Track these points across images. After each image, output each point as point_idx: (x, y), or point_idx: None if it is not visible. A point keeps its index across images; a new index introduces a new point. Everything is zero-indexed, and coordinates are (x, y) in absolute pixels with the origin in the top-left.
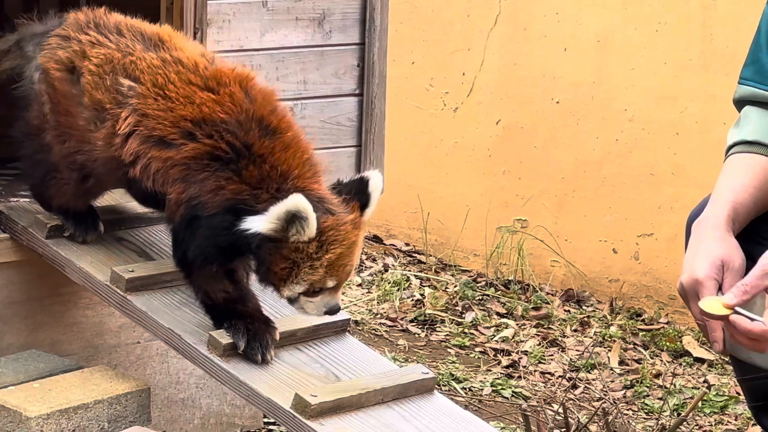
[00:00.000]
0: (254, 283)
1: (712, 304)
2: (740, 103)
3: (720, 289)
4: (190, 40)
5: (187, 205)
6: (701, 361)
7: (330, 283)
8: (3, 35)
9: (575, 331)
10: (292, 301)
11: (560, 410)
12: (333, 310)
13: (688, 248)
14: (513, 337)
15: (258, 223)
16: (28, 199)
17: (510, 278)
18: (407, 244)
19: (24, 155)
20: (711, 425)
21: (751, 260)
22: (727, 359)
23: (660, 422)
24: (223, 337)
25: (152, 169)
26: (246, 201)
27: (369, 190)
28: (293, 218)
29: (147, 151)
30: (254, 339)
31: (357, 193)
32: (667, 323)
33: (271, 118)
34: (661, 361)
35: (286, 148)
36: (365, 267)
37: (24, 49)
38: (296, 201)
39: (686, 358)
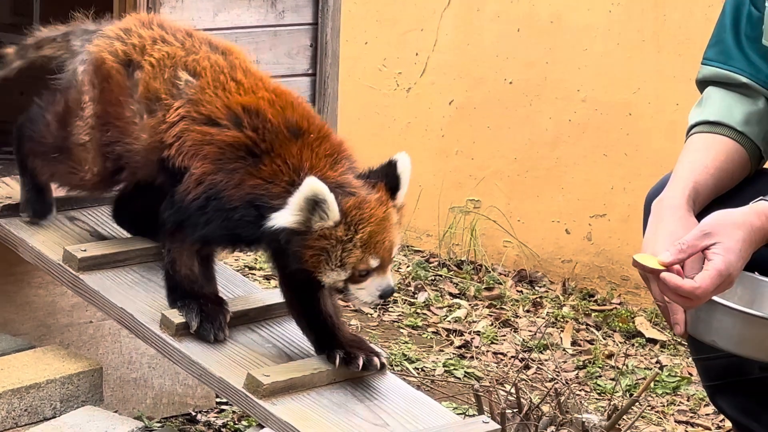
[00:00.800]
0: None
1: (648, 259)
2: (703, 83)
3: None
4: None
5: (208, 187)
6: (654, 341)
7: (373, 263)
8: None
9: (528, 311)
10: (341, 292)
11: (512, 391)
12: (387, 292)
13: (648, 227)
14: (465, 318)
15: (281, 218)
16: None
17: (463, 258)
18: None
19: (35, 117)
20: (663, 406)
21: None
22: (680, 340)
23: (612, 403)
24: (176, 317)
25: (188, 142)
26: (262, 196)
27: (398, 172)
28: (314, 205)
29: (189, 128)
30: (207, 320)
31: (386, 177)
32: (619, 304)
33: (302, 122)
34: (614, 341)
35: (305, 146)
36: None
37: (71, 42)
38: (310, 185)
39: (639, 338)
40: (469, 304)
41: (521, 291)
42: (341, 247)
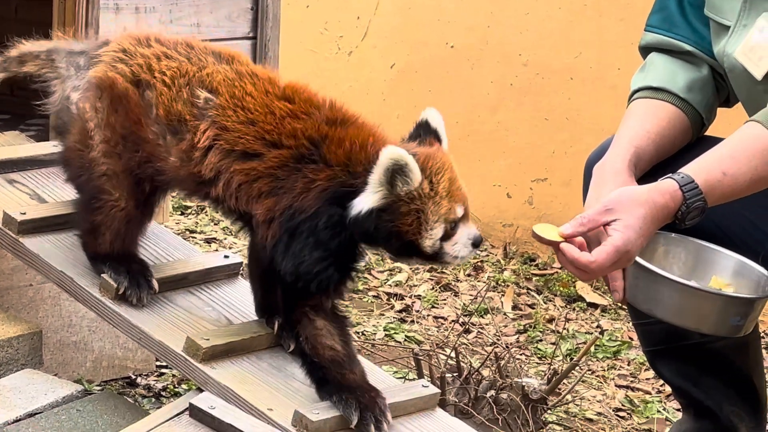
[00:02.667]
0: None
1: (548, 230)
2: (646, 49)
3: None
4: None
5: (281, 219)
6: (594, 306)
7: (459, 211)
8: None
9: (469, 275)
10: (438, 255)
11: (452, 355)
12: (478, 240)
13: (589, 192)
14: (406, 282)
15: (365, 200)
16: None
17: None
18: None
19: (71, 180)
20: (604, 370)
21: None
22: (620, 305)
23: (552, 367)
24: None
25: (234, 183)
26: (344, 182)
27: (433, 126)
28: (393, 174)
29: (229, 166)
30: (132, 284)
31: (425, 134)
32: (560, 268)
33: (337, 114)
34: (555, 306)
35: (358, 128)
36: None
37: (56, 62)
38: (389, 153)
39: (579, 303)
40: (410, 269)
41: None
42: (431, 203)
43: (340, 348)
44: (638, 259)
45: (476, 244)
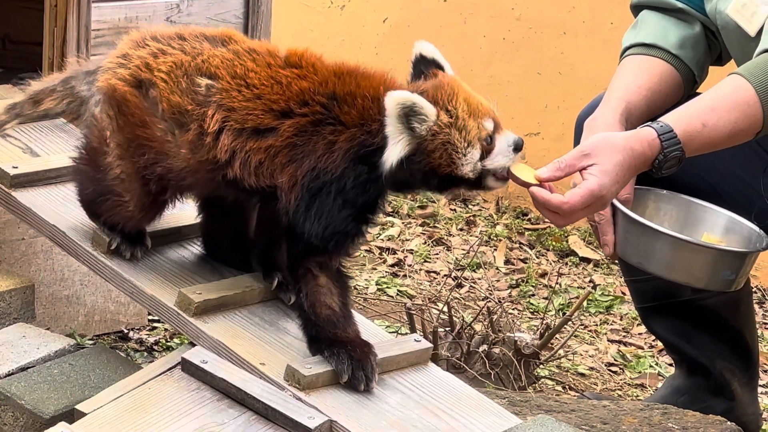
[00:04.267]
0: None
1: (524, 171)
2: (638, 7)
3: None
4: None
5: (303, 181)
6: (587, 260)
7: (488, 125)
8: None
9: (461, 230)
10: (484, 177)
11: (445, 309)
12: (518, 142)
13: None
14: (399, 236)
15: (392, 153)
16: None
17: None
18: None
19: (78, 176)
20: (596, 325)
21: None
22: (613, 261)
23: (545, 322)
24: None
25: (253, 163)
26: (364, 142)
27: (430, 57)
28: (407, 118)
29: (243, 145)
30: (125, 240)
31: (425, 68)
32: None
33: (342, 68)
34: (547, 260)
35: (365, 78)
36: None
37: (75, 88)
38: (394, 100)
39: (572, 257)
40: (403, 223)
41: (454, 209)
42: (455, 130)
43: (337, 308)
44: (628, 212)
45: (518, 147)
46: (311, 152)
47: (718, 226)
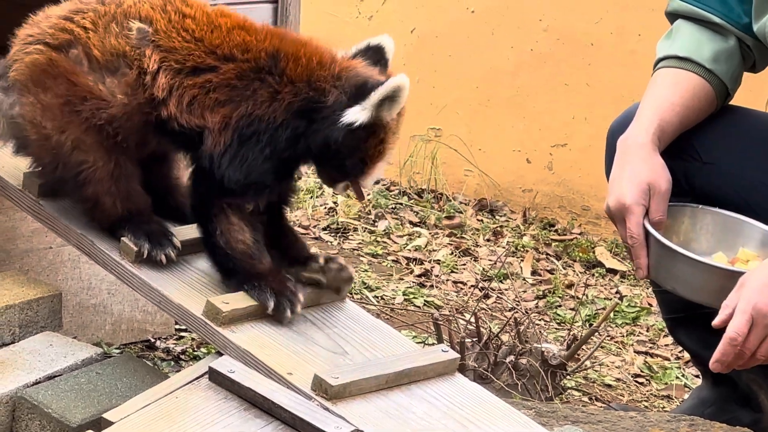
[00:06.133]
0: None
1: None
2: (673, 15)
3: (647, 213)
4: None
5: (237, 125)
6: (613, 272)
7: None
8: None
9: (488, 240)
10: (359, 183)
11: (472, 320)
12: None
13: (614, 168)
14: (426, 246)
15: (359, 114)
16: None
17: (423, 187)
18: None
19: (52, 176)
20: (623, 336)
21: (674, 177)
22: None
23: (572, 333)
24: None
25: (187, 98)
26: (311, 98)
27: (387, 57)
28: (385, 100)
29: (181, 83)
30: (154, 244)
31: (378, 60)
32: (580, 234)
33: (277, 30)
34: (574, 271)
35: (303, 44)
36: None
37: None
38: (401, 82)
39: (599, 268)
40: (430, 233)
41: (482, 220)
42: (392, 135)
43: (250, 242)
44: (660, 237)
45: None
46: (250, 97)
47: (754, 241)
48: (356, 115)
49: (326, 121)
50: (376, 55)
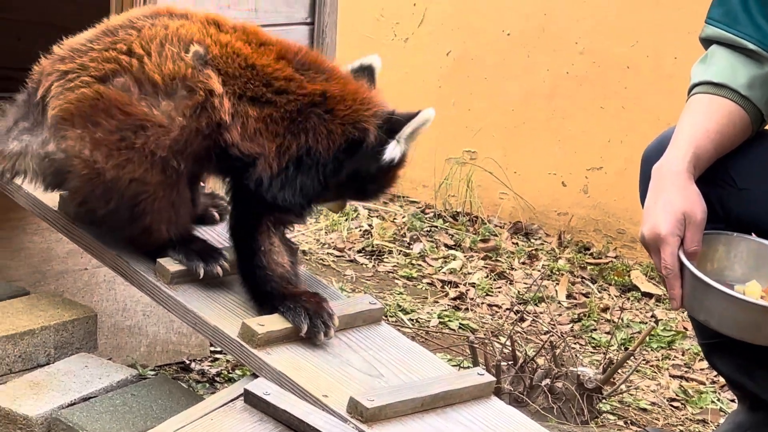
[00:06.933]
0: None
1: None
2: (707, 41)
3: (682, 243)
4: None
5: (296, 155)
6: (649, 295)
7: None
8: None
9: (523, 263)
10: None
11: (507, 343)
12: None
13: (649, 195)
14: (461, 269)
15: (396, 150)
16: None
17: (458, 210)
18: None
19: (104, 217)
20: (658, 360)
21: (709, 204)
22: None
23: (607, 356)
24: (171, 265)
25: (250, 128)
26: (356, 138)
27: (375, 76)
28: (413, 133)
29: (244, 110)
30: (209, 262)
31: (369, 79)
32: (615, 257)
33: (317, 61)
34: (609, 295)
35: (345, 82)
36: None
37: (4, 151)
38: (430, 115)
39: (634, 292)
40: (465, 256)
41: (517, 243)
42: (407, 162)
43: (289, 266)
44: (692, 268)
45: None
46: (308, 131)
47: None
48: (394, 151)
49: (367, 156)
50: (367, 73)
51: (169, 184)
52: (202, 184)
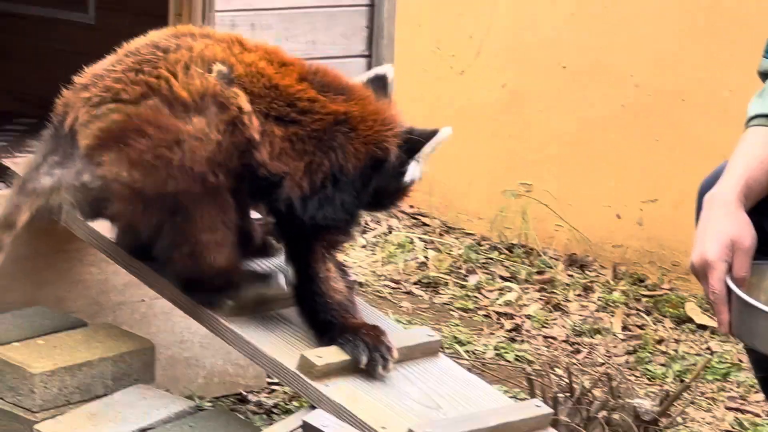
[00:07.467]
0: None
1: None
2: (765, 75)
3: (730, 269)
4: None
5: (325, 171)
6: (704, 327)
7: None
8: None
9: (578, 295)
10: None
11: (564, 374)
12: None
13: (699, 224)
14: (516, 301)
15: (418, 169)
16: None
17: (514, 242)
18: (412, 207)
19: (150, 239)
20: (713, 392)
21: (762, 234)
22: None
23: (664, 388)
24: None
25: (277, 148)
26: (380, 157)
27: (388, 84)
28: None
29: (270, 129)
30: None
31: (381, 91)
32: (670, 289)
33: (331, 75)
34: (664, 327)
35: (365, 102)
36: (369, 228)
37: (37, 188)
38: (448, 134)
39: (689, 324)
40: (520, 288)
41: (572, 275)
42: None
43: (346, 293)
44: (739, 292)
45: None
46: (336, 149)
47: None
48: (415, 171)
49: (389, 174)
50: (380, 82)
51: (212, 197)
52: (256, 215)
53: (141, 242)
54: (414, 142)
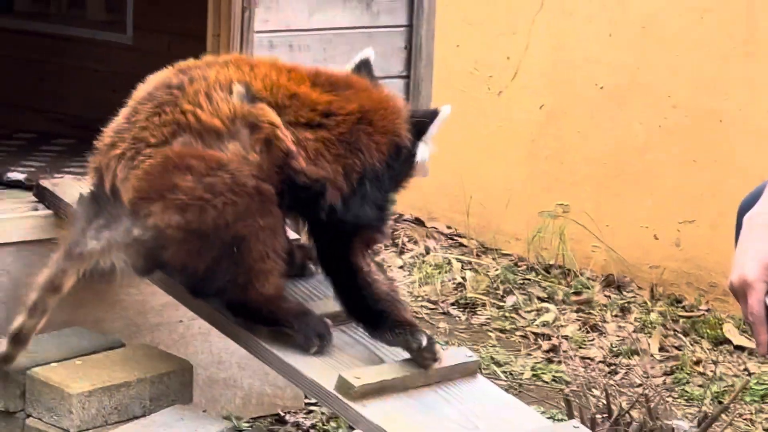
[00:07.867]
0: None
1: None
2: None
3: None
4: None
5: (360, 173)
6: (741, 349)
7: None
8: None
9: (616, 316)
10: None
11: (602, 395)
12: None
13: (739, 244)
14: (554, 322)
15: (426, 150)
16: (72, 175)
17: (551, 263)
18: (449, 227)
19: (206, 272)
20: (751, 413)
21: None
22: None
23: (702, 409)
24: None
25: (312, 152)
26: (398, 144)
27: (371, 67)
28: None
29: (303, 135)
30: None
31: (369, 75)
32: (707, 311)
33: (328, 74)
34: (702, 348)
35: (373, 93)
36: (407, 249)
37: (84, 253)
38: (449, 113)
39: (726, 345)
40: (557, 308)
41: (609, 296)
42: None
43: (390, 285)
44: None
45: None
46: (362, 147)
47: None
48: (425, 152)
49: (405, 159)
50: (367, 67)
51: (266, 211)
52: (297, 236)
53: (189, 283)
54: (421, 124)
